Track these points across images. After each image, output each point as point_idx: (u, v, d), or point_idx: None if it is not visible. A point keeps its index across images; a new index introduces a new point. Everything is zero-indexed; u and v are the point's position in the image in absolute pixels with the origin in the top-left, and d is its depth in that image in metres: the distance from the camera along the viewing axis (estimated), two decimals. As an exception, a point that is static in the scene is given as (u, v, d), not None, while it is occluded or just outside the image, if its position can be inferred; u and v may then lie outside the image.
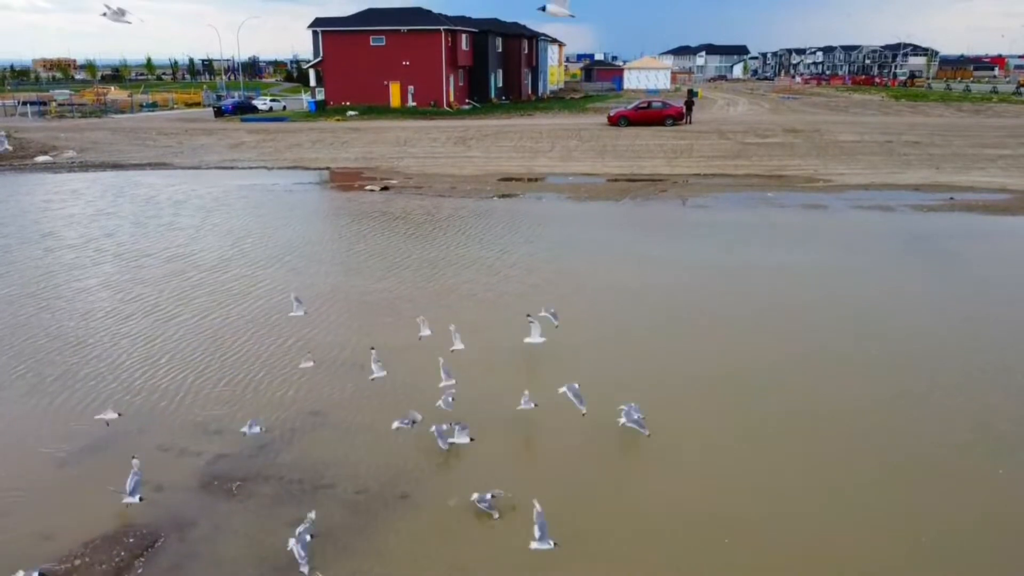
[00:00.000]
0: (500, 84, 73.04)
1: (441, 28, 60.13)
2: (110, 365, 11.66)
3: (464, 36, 64.37)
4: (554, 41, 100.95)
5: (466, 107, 63.20)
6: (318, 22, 63.54)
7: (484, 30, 67.70)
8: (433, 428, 8.91)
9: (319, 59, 63.32)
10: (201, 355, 12.04)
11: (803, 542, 7.45)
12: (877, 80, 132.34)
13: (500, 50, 72.15)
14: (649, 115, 45.57)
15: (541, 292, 14.75)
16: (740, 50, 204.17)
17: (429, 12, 63.22)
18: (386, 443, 9.21)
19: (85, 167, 33.93)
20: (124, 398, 10.48)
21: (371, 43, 60.53)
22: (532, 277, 16.06)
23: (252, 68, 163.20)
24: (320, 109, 60.82)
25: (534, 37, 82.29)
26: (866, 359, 11.61)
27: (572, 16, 20.45)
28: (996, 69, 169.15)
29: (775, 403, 10.25)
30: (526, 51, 77.82)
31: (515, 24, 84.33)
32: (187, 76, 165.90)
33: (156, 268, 17.16)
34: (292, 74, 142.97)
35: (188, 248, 19.05)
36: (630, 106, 48.43)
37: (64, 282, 16.18)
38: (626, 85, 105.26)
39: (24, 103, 66.40)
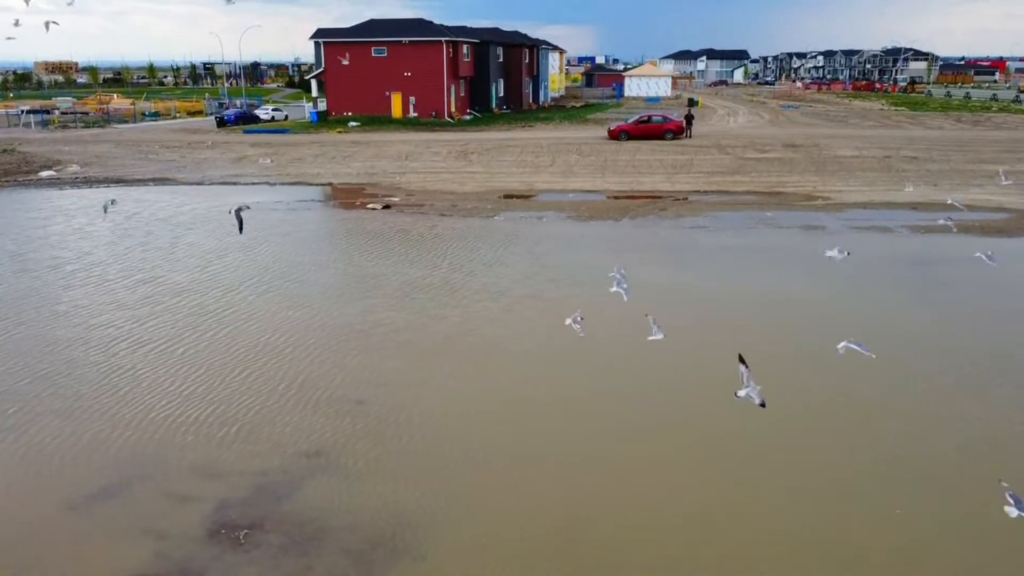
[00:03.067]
0: (501, 93, 73.29)
1: (442, 39, 60.40)
2: (96, 401, 11.86)
3: (465, 46, 64.63)
4: (555, 48, 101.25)
5: (467, 117, 63.44)
6: (320, 33, 63.83)
7: (485, 40, 67.96)
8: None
9: (321, 69, 63.59)
10: (188, 389, 12.25)
11: None
12: (878, 86, 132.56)
13: (501, 59, 72.38)
14: (649, 129, 45.83)
15: (551, 326, 14.99)
16: (741, 54, 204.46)
17: (430, 23, 63.51)
18: (386, 488, 9.43)
19: (89, 182, 34.16)
20: (119, 436, 10.71)
21: (373, 54, 60.82)
22: (544, 312, 16.28)
23: (254, 73, 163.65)
24: (322, 119, 61.05)
25: (535, 45, 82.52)
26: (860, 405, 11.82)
27: None
28: (996, 73, 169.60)
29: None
30: (527, 60, 78.04)
31: (516, 33, 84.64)
32: (188, 81, 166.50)
33: (134, 292, 17.41)
34: (293, 79, 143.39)
35: (201, 277, 19.31)
36: (630, 120, 48.69)
37: (34, 306, 16.47)
38: (627, 92, 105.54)
39: (27, 112, 66.66)
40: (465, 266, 19.74)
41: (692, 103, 65.57)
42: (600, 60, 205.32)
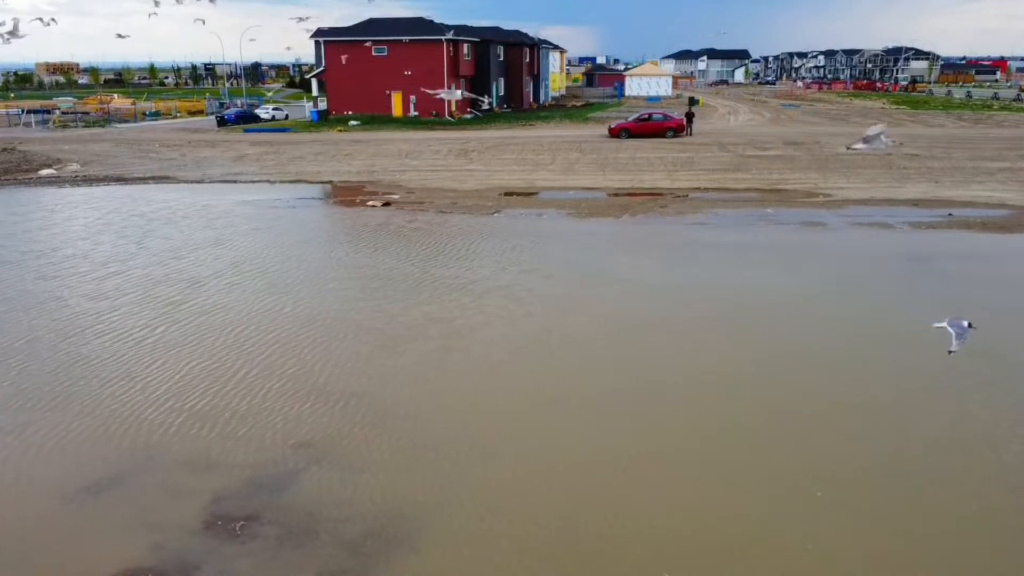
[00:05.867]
0: (502, 93, 73.28)
1: (443, 38, 60.38)
2: (88, 394, 11.83)
3: (466, 45, 64.62)
4: (555, 47, 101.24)
5: (468, 116, 63.42)
6: (320, 32, 63.85)
7: (485, 39, 67.93)
8: None
9: (321, 69, 63.61)
10: (178, 381, 12.21)
11: None
12: (879, 85, 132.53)
13: (501, 59, 72.37)
14: (650, 127, 45.78)
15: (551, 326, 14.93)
16: (742, 54, 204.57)
17: (431, 22, 63.48)
18: (384, 481, 9.38)
19: (89, 181, 34.14)
20: (109, 429, 10.65)
21: (373, 53, 60.81)
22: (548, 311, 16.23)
23: (255, 73, 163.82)
24: (322, 118, 61.10)
25: (535, 45, 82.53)
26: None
27: None
28: (998, 72, 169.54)
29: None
30: (527, 59, 78.05)
31: (516, 32, 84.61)
32: (189, 82, 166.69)
33: (109, 281, 17.37)
34: (294, 79, 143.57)
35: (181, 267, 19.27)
36: (631, 118, 48.66)
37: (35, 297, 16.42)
38: (627, 92, 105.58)
39: (28, 112, 66.75)
40: (462, 261, 19.68)
41: (693, 102, 65.50)
42: (601, 60, 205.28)
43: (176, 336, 14.34)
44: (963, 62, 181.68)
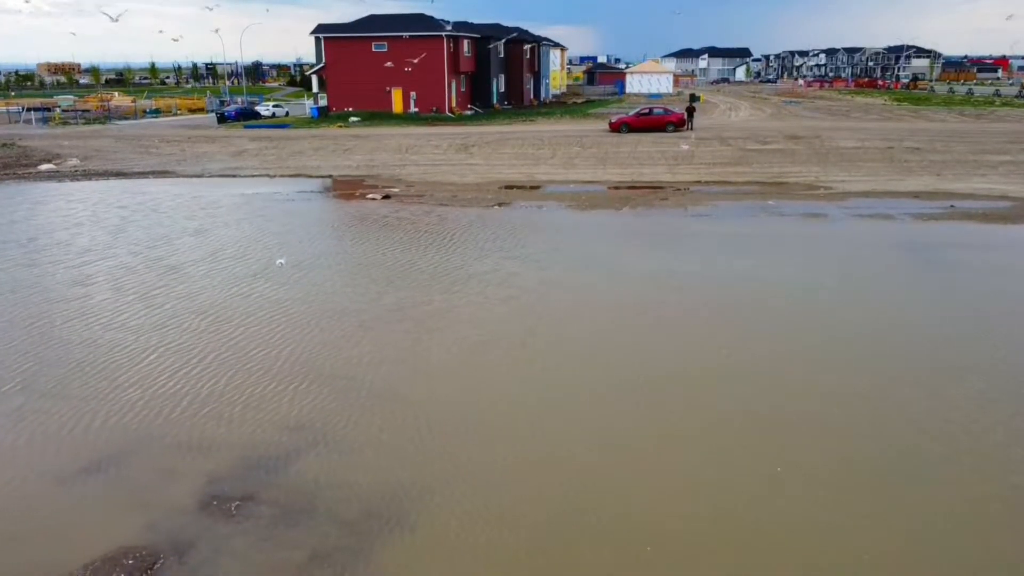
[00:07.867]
0: (502, 89, 73.22)
1: (443, 34, 60.31)
2: (91, 380, 11.79)
3: (466, 42, 64.56)
4: (556, 45, 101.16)
5: (468, 113, 63.34)
6: (320, 28, 63.81)
7: (486, 36, 67.85)
8: None
9: (322, 65, 63.56)
10: (171, 367, 12.15)
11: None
12: (880, 83, 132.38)
13: (502, 56, 72.29)
14: (650, 122, 45.68)
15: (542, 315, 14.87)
16: (743, 52, 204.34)
17: (431, 18, 63.38)
18: (380, 462, 9.32)
19: (88, 175, 34.11)
20: (102, 412, 10.59)
21: (373, 49, 60.75)
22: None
23: (255, 72, 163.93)
24: (323, 115, 61.05)
25: (536, 42, 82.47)
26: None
27: None
28: (999, 71, 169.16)
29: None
30: (528, 56, 78.00)
31: (517, 29, 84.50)
32: (190, 81, 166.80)
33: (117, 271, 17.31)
34: (295, 78, 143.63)
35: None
36: (631, 112, 48.57)
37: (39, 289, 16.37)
38: (628, 89, 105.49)
39: (28, 110, 66.77)
40: (458, 252, 19.60)
41: (694, 98, 65.50)
42: (602, 60, 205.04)
43: (162, 319, 14.29)
44: (964, 60, 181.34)
